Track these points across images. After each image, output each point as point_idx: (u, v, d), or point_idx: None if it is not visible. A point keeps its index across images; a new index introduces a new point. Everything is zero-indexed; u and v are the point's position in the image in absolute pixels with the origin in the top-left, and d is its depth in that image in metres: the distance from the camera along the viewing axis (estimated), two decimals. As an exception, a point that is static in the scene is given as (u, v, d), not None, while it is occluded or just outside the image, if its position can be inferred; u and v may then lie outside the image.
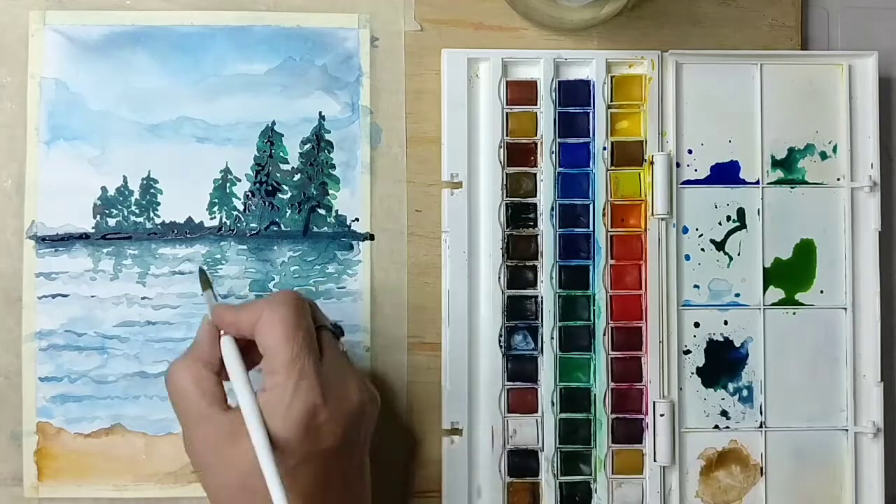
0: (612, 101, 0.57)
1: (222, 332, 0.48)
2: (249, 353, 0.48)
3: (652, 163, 0.56)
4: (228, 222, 0.56)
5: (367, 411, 0.48)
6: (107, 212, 0.56)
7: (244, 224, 0.56)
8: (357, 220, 0.57)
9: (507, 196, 0.56)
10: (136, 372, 0.55)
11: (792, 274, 0.57)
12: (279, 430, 0.45)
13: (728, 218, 0.57)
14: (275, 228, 0.56)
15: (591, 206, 0.57)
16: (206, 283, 0.52)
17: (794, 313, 0.57)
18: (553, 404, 0.56)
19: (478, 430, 0.56)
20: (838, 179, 0.57)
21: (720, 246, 0.57)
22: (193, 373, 0.47)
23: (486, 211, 0.56)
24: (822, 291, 0.57)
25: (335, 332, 0.50)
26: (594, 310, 0.56)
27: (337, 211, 0.57)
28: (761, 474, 0.57)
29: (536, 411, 0.56)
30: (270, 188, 0.56)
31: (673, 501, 0.56)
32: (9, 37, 0.56)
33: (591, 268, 0.57)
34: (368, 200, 0.57)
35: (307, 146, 0.57)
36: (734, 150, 0.57)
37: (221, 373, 0.48)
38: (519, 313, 0.56)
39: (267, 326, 0.46)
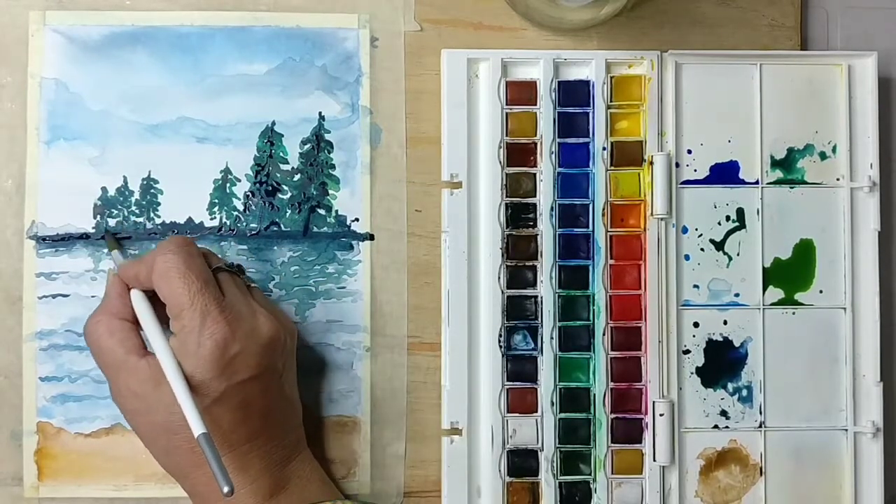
0: (611, 101, 0.57)
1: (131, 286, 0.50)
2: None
3: (651, 163, 0.57)
4: (228, 222, 0.56)
5: (280, 340, 0.50)
6: (107, 212, 0.56)
7: (244, 224, 0.56)
8: (357, 220, 0.57)
9: (506, 196, 0.56)
10: (137, 372, 0.55)
11: (791, 274, 0.57)
12: (193, 370, 0.47)
13: (727, 218, 0.57)
14: (275, 228, 0.56)
15: (591, 206, 0.57)
16: (113, 244, 0.54)
17: (793, 313, 0.57)
18: (553, 404, 0.56)
19: (478, 429, 0.56)
20: (838, 179, 0.57)
21: (720, 246, 0.57)
22: (106, 325, 0.49)
23: (486, 211, 0.57)
24: (821, 291, 0.57)
25: (234, 272, 0.51)
26: (594, 310, 0.56)
27: (337, 211, 0.57)
28: (761, 474, 0.57)
29: (536, 411, 0.56)
30: (270, 188, 0.56)
31: (672, 501, 0.56)
32: (9, 37, 0.56)
33: (590, 268, 0.57)
34: (368, 200, 0.57)
35: (307, 146, 0.57)
36: (733, 150, 0.57)
37: (136, 323, 0.50)
38: (518, 313, 0.56)
39: (160, 277, 0.48)
